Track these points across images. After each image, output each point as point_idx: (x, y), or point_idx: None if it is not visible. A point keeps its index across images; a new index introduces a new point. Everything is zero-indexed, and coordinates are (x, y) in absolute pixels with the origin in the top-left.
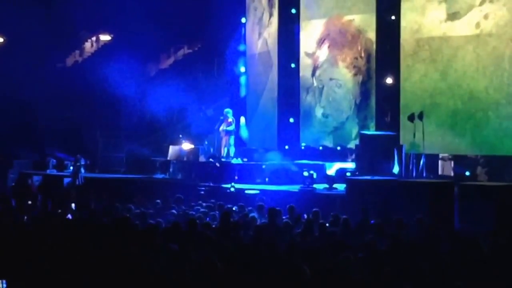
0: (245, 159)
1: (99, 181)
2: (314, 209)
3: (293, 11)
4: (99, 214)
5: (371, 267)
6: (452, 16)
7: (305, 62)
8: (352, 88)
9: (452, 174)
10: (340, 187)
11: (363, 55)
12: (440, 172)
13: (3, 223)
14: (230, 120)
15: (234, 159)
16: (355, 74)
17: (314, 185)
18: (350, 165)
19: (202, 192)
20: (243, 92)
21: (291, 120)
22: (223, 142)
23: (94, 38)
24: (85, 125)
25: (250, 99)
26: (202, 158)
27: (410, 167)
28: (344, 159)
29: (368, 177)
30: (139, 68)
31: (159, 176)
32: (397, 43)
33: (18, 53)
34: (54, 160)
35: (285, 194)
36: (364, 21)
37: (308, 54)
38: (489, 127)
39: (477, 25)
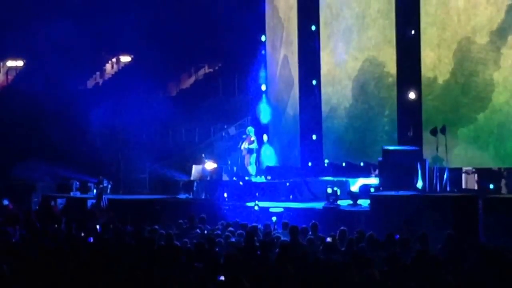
0: (268, 177)
1: (123, 202)
2: (341, 228)
3: (313, 28)
4: (125, 235)
5: (396, 281)
6: (472, 29)
7: (326, 79)
8: (374, 103)
9: (476, 187)
10: (364, 203)
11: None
12: (464, 186)
13: (29, 247)
14: (252, 138)
15: (257, 177)
16: (377, 89)
17: (338, 202)
18: (373, 180)
19: (226, 211)
20: (265, 110)
21: (314, 137)
22: (246, 160)
23: (114, 60)
24: (107, 146)
25: (272, 116)
26: (225, 177)
27: (434, 181)
28: (367, 175)
29: (392, 193)
30: (160, 89)
31: (183, 196)
32: (418, 57)
33: (39, 76)
34: (78, 183)
35: (309, 212)
36: (384, 36)
37: (329, 70)
38: (511, 139)
39: (498, 37)
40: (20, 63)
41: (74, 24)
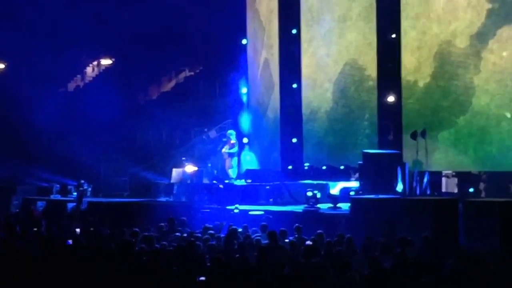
0: (248, 180)
1: (103, 205)
2: (318, 231)
3: (294, 31)
4: (105, 238)
5: (375, 285)
6: (453, 33)
7: (307, 82)
8: (354, 106)
9: (456, 191)
10: (344, 206)
11: (366, 73)
12: (444, 189)
13: (9, 250)
14: (232, 141)
15: (237, 180)
16: (357, 93)
17: (318, 205)
18: (354, 184)
19: (205, 215)
20: (245, 113)
21: (294, 140)
22: (227, 164)
23: (95, 63)
24: (87, 149)
25: (253, 119)
26: (205, 180)
27: (414, 184)
28: (348, 178)
29: (372, 196)
30: (141, 92)
31: (163, 199)
32: (398, 61)
33: (20, 78)
34: (58, 185)
35: (290, 215)
36: (365, 39)
37: (309, 74)
38: (491, 143)
39: (478, 41)
40: (1, 65)
41: (55, 26)
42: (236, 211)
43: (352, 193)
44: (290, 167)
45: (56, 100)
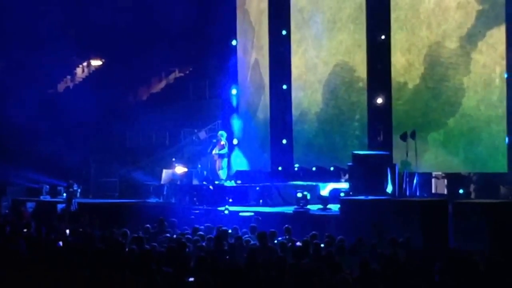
0: (238, 181)
1: (93, 206)
2: (312, 232)
3: (284, 32)
4: (94, 239)
5: (366, 286)
6: (443, 34)
7: (297, 83)
8: (345, 108)
9: (445, 192)
10: (334, 207)
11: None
12: (433, 191)
13: None
14: (223, 143)
15: (227, 181)
16: (347, 94)
17: (308, 206)
18: (343, 185)
19: (195, 216)
20: (235, 114)
21: (284, 141)
22: (217, 165)
23: (85, 64)
24: (77, 150)
25: (243, 120)
26: (195, 181)
27: (404, 186)
28: (337, 180)
29: (362, 197)
30: (131, 93)
31: (153, 200)
32: (388, 62)
33: (9, 79)
34: (47, 187)
35: (279, 216)
36: (355, 40)
37: (299, 75)
38: (481, 144)
39: (468, 42)
40: None
41: (45, 27)
42: (226, 212)
43: (342, 194)
44: (280, 168)
45: (45, 101)
